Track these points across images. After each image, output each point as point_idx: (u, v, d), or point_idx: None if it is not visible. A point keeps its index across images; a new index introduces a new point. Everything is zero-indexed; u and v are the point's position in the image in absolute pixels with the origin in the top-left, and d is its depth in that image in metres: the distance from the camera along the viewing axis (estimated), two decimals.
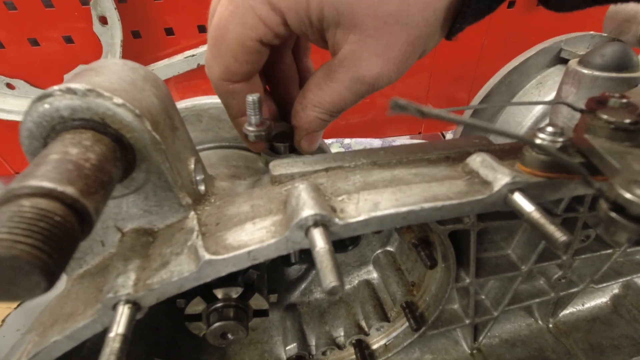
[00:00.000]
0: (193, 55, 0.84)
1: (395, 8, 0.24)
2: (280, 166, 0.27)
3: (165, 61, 0.85)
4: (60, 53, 0.83)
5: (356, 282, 0.49)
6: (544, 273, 0.47)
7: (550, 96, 0.58)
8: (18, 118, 0.86)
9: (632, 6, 0.56)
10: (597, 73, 0.41)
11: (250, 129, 0.30)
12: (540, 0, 0.30)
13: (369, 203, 0.22)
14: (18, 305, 0.73)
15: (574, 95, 0.44)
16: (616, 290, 0.53)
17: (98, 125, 0.20)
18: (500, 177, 0.22)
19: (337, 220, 0.21)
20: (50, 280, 0.14)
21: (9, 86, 0.85)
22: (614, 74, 0.41)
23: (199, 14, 0.82)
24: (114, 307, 0.21)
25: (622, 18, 0.58)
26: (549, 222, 0.20)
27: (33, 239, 0.13)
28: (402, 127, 1.16)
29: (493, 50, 0.99)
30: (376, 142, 1.08)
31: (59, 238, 0.14)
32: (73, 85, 0.19)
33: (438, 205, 0.22)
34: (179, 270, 0.21)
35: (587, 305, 0.53)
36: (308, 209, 0.20)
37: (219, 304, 0.34)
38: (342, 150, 1.04)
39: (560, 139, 0.22)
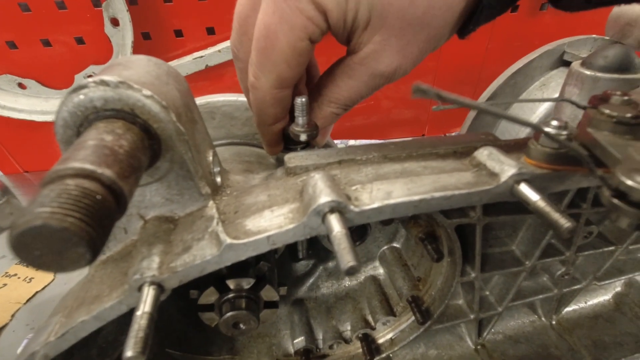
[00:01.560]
0: (201, 57, 0.85)
1: (422, 12, 0.26)
2: (295, 159, 0.28)
3: (174, 62, 0.86)
4: (72, 53, 0.85)
5: (362, 277, 0.50)
6: (547, 270, 0.48)
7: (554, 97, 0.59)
8: (29, 117, 0.88)
9: (633, 10, 0.57)
10: (599, 74, 0.43)
11: (299, 129, 0.32)
12: (550, 1, 0.31)
13: (382, 192, 0.23)
14: (27, 301, 0.75)
15: (576, 96, 0.45)
16: (618, 289, 0.54)
17: (128, 116, 0.21)
18: (507, 168, 0.23)
19: (352, 207, 0.22)
20: (94, 252, 0.15)
21: (21, 86, 0.87)
22: (615, 75, 0.42)
23: (208, 16, 0.83)
24: (140, 288, 0.22)
25: (624, 21, 0.59)
26: (553, 209, 0.21)
27: (80, 214, 0.14)
28: (406, 129, 1.17)
29: (497, 54, 1.01)
30: None
31: (101, 215, 0.15)
32: (106, 78, 0.20)
33: (448, 195, 0.23)
34: (202, 254, 0.22)
35: (589, 303, 0.53)
36: (325, 196, 0.21)
37: (231, 295, 0.35)
38: None
39: (565, 132, 0.23)
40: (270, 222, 0.23)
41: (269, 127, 0.34)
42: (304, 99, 0.30)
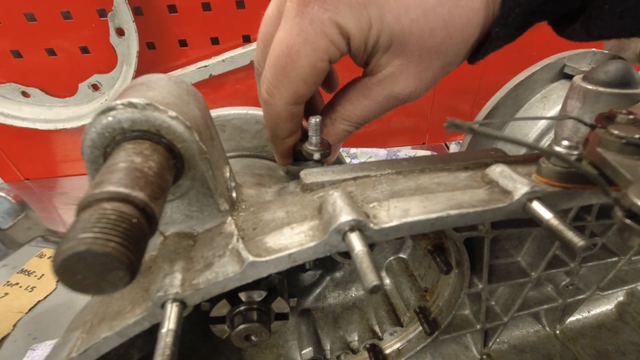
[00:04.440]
0: (205, 66, 0.86)
1: (439, 41, 0.28)
2: (311, 175, 0.28)
3: (179, 71, 0.87)
4: (76, 63, 0.85)
5: None
6: (552, 280, 0.48)
7: (555, 109, 0.60)
8: (32, 125, 0.88)
9: None
10: (601, 89, 0.44)
11: (313, 148, 0.33)
12: (555, 29, 0.33)
13: (399, 210, 0.24)
14: (29, 311, 0.74)
15: (578, 110, 0.46)
16: (621, 298, 0.55)
17: (154, 136, 0.22)
18: (519, 186, 0.24)
19: (371, 225, 0.22)
20: (133, 275, 0.15)
21: (24, 94, 0.87)
22: (617, 90, 0.44)
23: (212, 26, 0.84)
24: (163, 305, 0.22)
25: None
26: (567, 228, 0.21)
27: (120, 239, 0.15)
28: (406, 137, 1.19)
29: (496, 65, 1.02)
30: (381, 152, 1.10)
31: (137, 238, 0.16)
32: (134, 100, 0.21)
33: (463, 212, 0.23)
34: (224, 271, 0.23)
35: (592, 313, 0.54)
36: (345, 215, 0.22)
37: (243, 307, 0.35)
38: (349, 159, 1.06)
39: (575, 152, 0.24)
40: (291, 239, 0.23)
41: (282, 140, 0.35)
42: (317, 119, 0.31)
